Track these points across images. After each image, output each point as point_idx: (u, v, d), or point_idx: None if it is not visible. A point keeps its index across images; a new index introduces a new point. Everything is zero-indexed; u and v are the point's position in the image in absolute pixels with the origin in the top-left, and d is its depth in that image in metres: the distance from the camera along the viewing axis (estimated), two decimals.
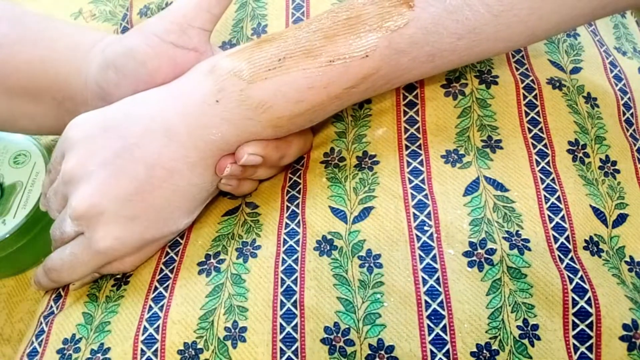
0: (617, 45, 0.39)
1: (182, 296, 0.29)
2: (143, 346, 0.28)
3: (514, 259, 0.28)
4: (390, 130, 0.32)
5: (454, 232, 0.28)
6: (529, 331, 0.26)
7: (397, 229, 0.29)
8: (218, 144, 0.29)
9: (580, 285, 0.27)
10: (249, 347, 0.27)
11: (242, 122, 0.29)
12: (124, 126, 0.29)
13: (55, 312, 0.31)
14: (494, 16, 0.27)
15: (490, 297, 0.27)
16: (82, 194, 0.28)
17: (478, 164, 0.31)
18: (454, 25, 0.27)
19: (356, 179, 0.31)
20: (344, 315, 0.27)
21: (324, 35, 0.28)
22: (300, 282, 0.28)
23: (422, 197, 0.30)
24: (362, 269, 0.28)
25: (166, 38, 0.30)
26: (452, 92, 0.33)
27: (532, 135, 0.32)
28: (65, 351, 0.29)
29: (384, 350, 0.26)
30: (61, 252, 0.31)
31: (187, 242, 0.32)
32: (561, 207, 0.29)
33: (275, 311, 0.28)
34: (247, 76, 0.28)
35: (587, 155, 0.32)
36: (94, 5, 0.41)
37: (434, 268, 0.28)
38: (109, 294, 0.31)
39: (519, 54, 0.35)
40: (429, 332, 0.26)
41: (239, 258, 0.30)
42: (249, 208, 0.32)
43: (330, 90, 0.28)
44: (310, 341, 0.27)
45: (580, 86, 0.34)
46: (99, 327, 0.29)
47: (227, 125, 0.29)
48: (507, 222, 0.29)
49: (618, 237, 0.30)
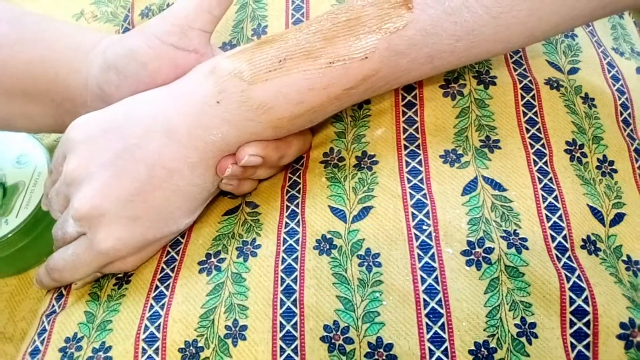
0: (615, 45, 0.39)
1: (183, 295, 0.29)
2: (144, 344, 0.28)
3: (511, 257, 0.28)
4: (389, 131, 0.32)
5: (453, 231, 0.29)
6: (527, 329, 0.27)
7: (396, 228, 0.29)
8: (219, 144, 0.29)
9: (578, 284, 0.27)
10: (249, 345, 0.27)
11: (243, 123, 0.29)
12: (125, 127, 0.29)
13: (57, 311, 0.32)
14: (493, 18, 0.28)
15: (488, 295, 0.27)
16: (84, 195, 0.29)
17: (476, 164, 0.31)
18: (452, 27, 0.27)
19: (355, 179, 0.31)
20: (343, 314, 0.27)
21: (324, 37, 0.28)
22: (300, 281, 0.28)
23: (421, 197, 0.30)
24: (361, 267, 0.28)
25: (167, 40, 0.31)
26: (450, 92, 0.33)
27: (530, 135, 0.32)
28: (67, 350, 0.29)
29: (382, 348, 0.26)
30: (63, 252, 0.31)
31: (188, 242, 0.32)
32: (559, 207, 0.30)
33: (275, 310, 0.28)
34: (247, 77, 0.28)
35: (584, 155, 0.32)
36: (95, 6, 0.41)
37: (432, 267, 0.28)
38: (110, 293, 0.31)
39: (517, 55, 0.35)
40: (428, 330, 0.27)
41: (239, 257, 0.30)
42: (249, 207, 0.32)
43: (330, 92, 0.28)
44: (310, 339, 0.27)
45: (578, 86, 0.34)
46: (100, 325, 0.29)
47: (228, 126, 0.29)
48: (505, 222, 0.29)
49: (615, 236, 0.30)
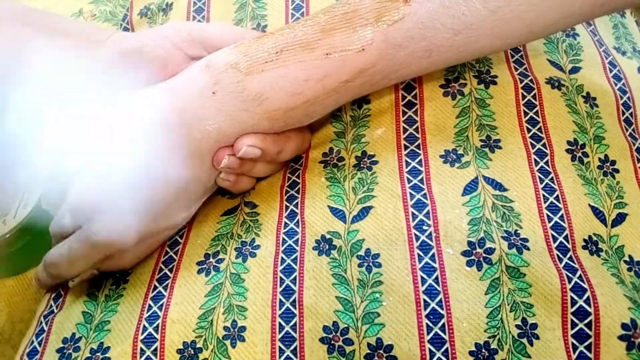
0: (617, 45, 0.39)
1: (182, 295, 0.29)
2: (142, 345, 0.28)
3: (512, 258, 0.28)
4: (389, 130, 0.32)
5: (453, 232, 0.28)
6: (528, 330, 0.26)
7: (395, 228, 0.29)
8: (214, 135, 0.29)
9: (579, 284, 0.27)
10: (248, 346, 0.27)
11: (238, 114, 0.29)
12: (121, 120, 0.29)
13: (55, 312, 0.31)
14: (491, 12, 0.28)
15: (489, 296, 0.27)
16: (79, 188, 0.29)
17: (477, 164, 0.31)
18: (450, 20, 0.28)
19: (355, 179, 0.31)
20: (342, 315, 0.27)
21: (321, 29, 0.28)
22: (299, 282, 0.28)
23: (421, 197, 0.30)
24: (361, 268, 0.28)
25: (185, 50, 0.31)
26: (450, 92, 0.33)
27: (531, 135, 0.32)
28: (65, 350, 0.29)
29: (382, 349, 0.26)
30: (60, 247, 0.31)
31: (187, 242, 0.32)
32: (560, 207, 0.29)
33: (274, 310, 0.28)
34: (243, 68, 0.28)
35: (586, 154, 0.32)
36: (94, 5, 0.41)
37: (432, 267, 0.28)
38: (108, 293, 0.31)
39: (517, 54, 0.35)
40: (428, 331, 0.26)
41: (238, 257, 0.30)
42: (248, 208, 0.32)
43: (326, 84, 0.28)
44: (309, 340, 0.27)
45: (580, 86, 0.34)
46: (98, 326, 0.29)
47: (224, 117, 0.29)
48: (506, 222, 0.29)
49: (617, 236, 0.30)
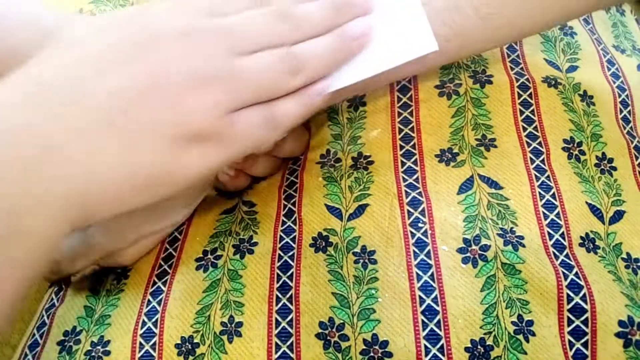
0: (616, 43, 0.39)
1: (180, 291, 0.29)
2: (142, 340, 0.28)
3: (508, 255, 0.28)
4: (385, 131, 0.33)
5: (448, 229, 0.29)
6: (524, 327, 0.26)
7: (391, 225, 0.29)
8: None
9: (575, 281, 0.27)
10: (245, 341, 0.27)
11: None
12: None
13: (57, 305, 0.32)
14: (482, 20, 0.28)
15: (484, 293, 0.27)
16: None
17: (472, 162, 0.31)
18: (442, 28, 0.28)
19: (351, 178, 0.31)
20: (338, 311, 0.27)
21: None
22: (296, 278, 0.29)
23: (416, 195, 0.30)
24: (356, 265, 0.28)
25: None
26: (446, 92, 0.33)
27: (527, 134, 0.32)
28: (65, 343, 0.30)
29: (378, 345, 0.26)
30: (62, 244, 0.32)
31: (186, 239, 0.32)
32: (556, 204, 0.29)
33: (270, 306, 0.28)
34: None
35: (582, 152, 0.32)
36: (94, 5, 0.42)
37: (428, 264, 0.28)
38: (109, 288, 0.31)
39: (514, 54, 0.35)
40: (423, 327, 0.27)
41: (236, 254, 0.30)
42: (246, 206, 0.33)
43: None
44: (305, 336, 0.27)
45: (576, 84, 0.34)
46: (99, 319, 0.30)
47: None
48: (502, 220, 0.29)
49: (615, 233, 0.30)
